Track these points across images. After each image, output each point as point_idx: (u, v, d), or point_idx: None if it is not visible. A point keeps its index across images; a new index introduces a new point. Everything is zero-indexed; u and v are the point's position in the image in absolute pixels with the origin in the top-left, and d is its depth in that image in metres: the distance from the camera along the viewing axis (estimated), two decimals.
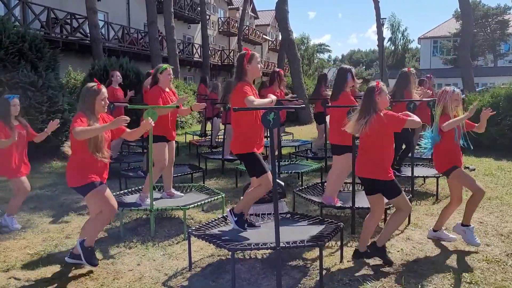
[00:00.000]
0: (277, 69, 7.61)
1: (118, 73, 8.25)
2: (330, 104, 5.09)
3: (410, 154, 6.09)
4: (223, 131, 8.31)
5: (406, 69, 6.51)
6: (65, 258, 3.78)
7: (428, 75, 9.29)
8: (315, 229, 3.90)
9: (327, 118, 5.10)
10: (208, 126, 11.34)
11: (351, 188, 4.82)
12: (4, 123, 4.61)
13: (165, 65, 5.20)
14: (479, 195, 4.06)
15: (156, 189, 5.50)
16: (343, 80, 4.92)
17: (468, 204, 4.12)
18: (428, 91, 7.24)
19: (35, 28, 14.18)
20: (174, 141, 5.36)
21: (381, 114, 3.65)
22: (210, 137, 10.25)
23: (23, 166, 4.82)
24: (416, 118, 3.69)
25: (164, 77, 5.11)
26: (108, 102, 3.78)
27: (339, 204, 4.87)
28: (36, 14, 15.93)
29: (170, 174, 5.33)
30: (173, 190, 5.34)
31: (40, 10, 16.17)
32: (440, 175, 5.60)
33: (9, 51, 8.22)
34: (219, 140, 9.82)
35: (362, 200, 4.89)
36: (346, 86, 4.93)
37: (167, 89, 5.16)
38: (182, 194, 5.41)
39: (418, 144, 4.34)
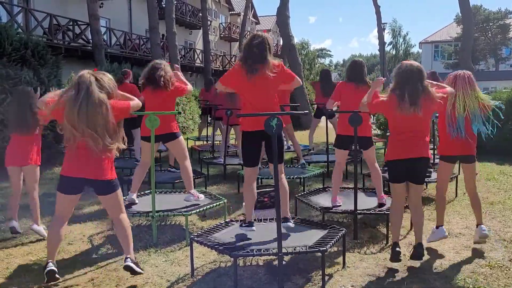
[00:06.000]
0: None
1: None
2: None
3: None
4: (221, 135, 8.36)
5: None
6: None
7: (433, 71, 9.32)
8: (317, 235, 3.90)
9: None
10: (207, 130, 11.39)
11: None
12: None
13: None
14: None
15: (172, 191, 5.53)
16: (364, 70, 5.11)
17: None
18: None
19: (38, 35, 14.24)
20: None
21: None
22: (211, 141, 10.28)
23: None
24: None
25: None
26: None
27: (338, 203, 4.90)
28: (38, 21, 16.03)
29: (181, 170, 5.24)
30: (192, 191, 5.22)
31: (42, 17, 16.26)
32: None
33: (12, 58, 8.26)
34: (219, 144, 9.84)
35: (365, 204, 4.90)
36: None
37: None
38: (202, 196, 5.24)
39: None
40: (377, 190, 5.01)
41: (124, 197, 5.41)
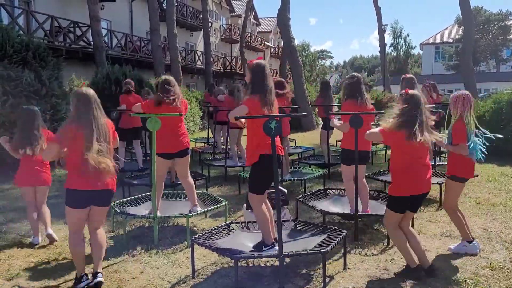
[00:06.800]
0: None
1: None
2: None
3: None
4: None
5: (409, 75, 6.42)
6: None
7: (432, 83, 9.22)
8: (318, 237, 3.90)
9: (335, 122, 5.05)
10: (207, 132, 11.38)
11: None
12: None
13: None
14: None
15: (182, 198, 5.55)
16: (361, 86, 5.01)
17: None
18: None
19: (39, 37, 14.25)
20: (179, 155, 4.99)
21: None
22: (214, 143, 10.30)
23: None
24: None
25: None
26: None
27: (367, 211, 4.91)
28: (39, 23, 16.04)
29: (186, 187, 5.13)
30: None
31: (43, 19, 16.27)
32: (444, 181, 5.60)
33: (13, 59, 8.28)
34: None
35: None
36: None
37: None
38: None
39: None
40: (363, 203, 4.91)
41: (128, 198, 5.42)
